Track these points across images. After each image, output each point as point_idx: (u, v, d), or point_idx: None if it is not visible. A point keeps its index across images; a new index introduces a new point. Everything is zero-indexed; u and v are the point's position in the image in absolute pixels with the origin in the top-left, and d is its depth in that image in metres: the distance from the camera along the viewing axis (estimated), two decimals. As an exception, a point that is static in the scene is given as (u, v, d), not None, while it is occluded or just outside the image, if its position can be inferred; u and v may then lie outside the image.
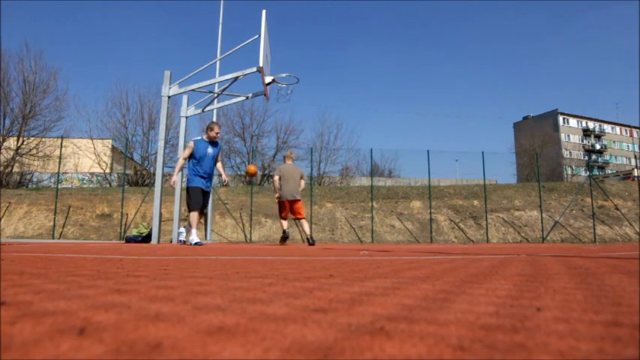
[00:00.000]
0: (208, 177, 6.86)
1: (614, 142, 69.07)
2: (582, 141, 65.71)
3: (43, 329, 0.50)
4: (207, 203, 6.97)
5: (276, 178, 8.05)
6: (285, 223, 8.19)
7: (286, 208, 8.03)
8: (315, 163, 24.00)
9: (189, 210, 6.75)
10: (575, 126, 66.25)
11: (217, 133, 6.91)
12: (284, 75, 9.04)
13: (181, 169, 7.33)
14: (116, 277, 1.21)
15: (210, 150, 6.85)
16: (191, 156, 6.75)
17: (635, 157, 40.84)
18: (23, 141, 21.96)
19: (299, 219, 8.10)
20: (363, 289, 0.95)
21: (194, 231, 6.66)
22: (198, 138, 6.89)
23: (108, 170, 25.12)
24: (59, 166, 16.33)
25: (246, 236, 14.82)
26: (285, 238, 8.17)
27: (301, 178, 8.17)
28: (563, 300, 0.81)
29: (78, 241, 12.03)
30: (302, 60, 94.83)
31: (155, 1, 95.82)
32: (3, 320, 0.55)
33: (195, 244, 6.47)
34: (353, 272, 1.45)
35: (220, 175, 7.29)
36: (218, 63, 11.08)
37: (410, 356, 0.41)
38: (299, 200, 8.07)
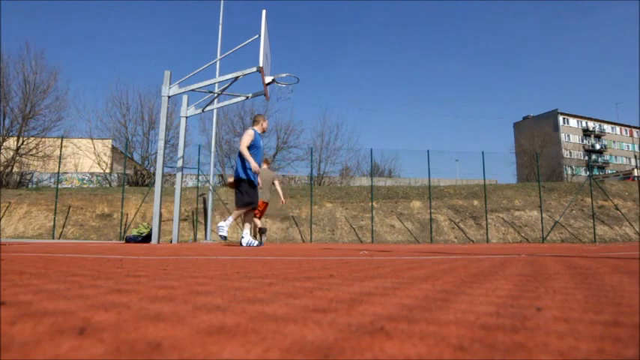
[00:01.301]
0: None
1: (614, 142, 69.12)
2: (582, 141, 65.75)
3: (43, 329, 0.50)
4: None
5: None
6: (259, 222, 8.92)
7: (261, 207, 8.76)
8: (315, 163, 24.00)
9: (242, 207, 6.39)
10: (575, 126, 66.30)
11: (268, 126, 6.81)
12: (284, 75, 9.05)
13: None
14: (116, 277, 1.21)
15: (261, 143, 6.68)
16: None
17: (635, 157, 40.87)
18: (23, 141, 21.96)
19: (258, 216, 8.92)
20: (363, 289, 0.95)
21: (228, 223, 6.46)
22: (254, 129, 6.62)
23: (108, 170, 25.13)
24: (59, 166, 16.34)
25: (246, 236, 14.81)
26: (264, 230, 8.83)
27: (275, 179, 8.97)
28: (563, 300, 0.81)
29: (78, 241, 12.03)
30: (302, 60, 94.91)
31: (155, 1, 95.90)
32: (3, 320, 0.55)
33: (249, 244, 6.29)
34: (353, 272, 1.45)
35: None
36: (218, 63, 11.09)
37: (410, 356, 0.41)
38: (268, 202, 9.14)
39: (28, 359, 0.39)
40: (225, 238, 6.53)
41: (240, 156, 6.43)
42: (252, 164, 6.28)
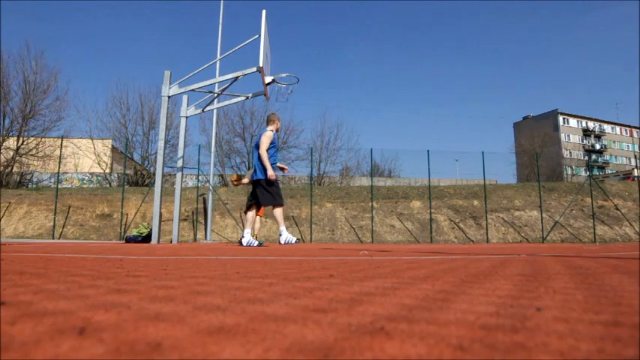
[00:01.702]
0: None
1: (614, 142, 69.13)
2: (582, 141, 65.78)
3: (43, 329, 0.50)
4: None
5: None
6: (258, 223, 9.23)
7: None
8: (315, 163, 24.01)
9: (278, 205, 6.43)
10: (575, 126, 66.33)
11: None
12: (284, 75, 9.05)
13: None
14: (116, 277, 1.21)
15: (277, 142, 6.77)
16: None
17: (635, 157, 40.87)
18: (23, 141, 21.96)
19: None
20: (363, 289, 0.94)
21: (284, 229, 6.39)
22: (270, 129, 6.66)
23: (108, 170, 25.13)
24: (59, 166, 16.35)
25: (246, 236, 14.82)
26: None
27: None
28: (563, 300, 0.81)
29: (78, 241, 12.03)
30: (302, 60, 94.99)
31: (156, 1, 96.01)
32: (3, 320, 0.55)
33: (249, 244, 6.26)
34: (353, 272, 1.45)
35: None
36: (218, 63, 11.10)
37: (410, 356, 0.41)
38: None
39: (28, 359, 0.39)
40: (298, 240, 6.56)
41: (260, 157, 6.42)
42: (269, 172, 6.31)
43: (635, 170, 30.86)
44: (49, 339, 0.45)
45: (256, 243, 6.44)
